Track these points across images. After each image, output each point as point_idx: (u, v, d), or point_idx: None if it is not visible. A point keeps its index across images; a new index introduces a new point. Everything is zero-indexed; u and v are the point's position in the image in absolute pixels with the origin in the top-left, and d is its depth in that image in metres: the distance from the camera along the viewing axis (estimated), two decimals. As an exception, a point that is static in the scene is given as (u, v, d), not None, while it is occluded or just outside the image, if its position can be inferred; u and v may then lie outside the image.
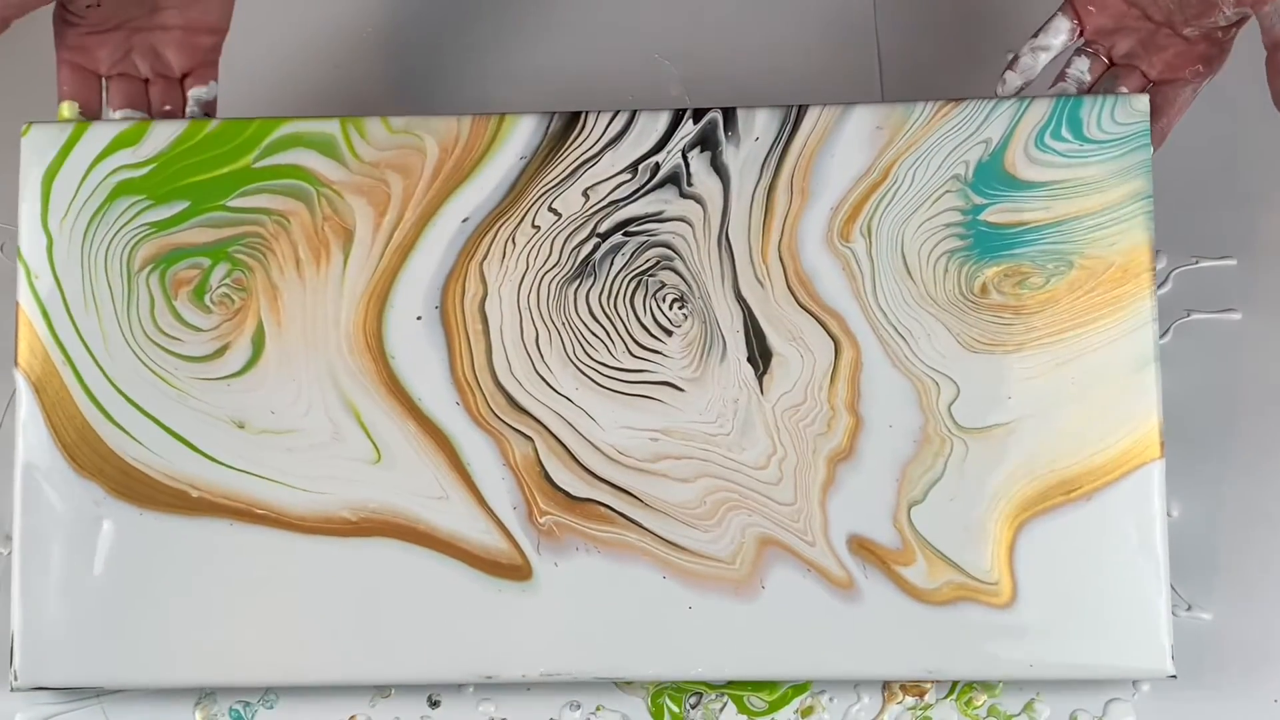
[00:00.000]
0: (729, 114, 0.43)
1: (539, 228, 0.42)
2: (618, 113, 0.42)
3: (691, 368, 0.42)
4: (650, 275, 0.42)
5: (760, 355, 0.42)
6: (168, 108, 0.44)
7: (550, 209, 0.42)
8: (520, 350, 0.42)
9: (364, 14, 0.52)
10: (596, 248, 0.42)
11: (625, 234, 0.42)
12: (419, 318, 0.42)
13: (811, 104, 0.43)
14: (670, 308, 0.42)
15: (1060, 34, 0.44)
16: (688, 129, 0.42)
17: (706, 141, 0.43)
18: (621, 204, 0.42)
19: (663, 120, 0.42)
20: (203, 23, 0.44)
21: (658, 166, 0.42)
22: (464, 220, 0.42)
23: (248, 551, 0.41)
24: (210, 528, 0.41)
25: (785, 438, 0.41)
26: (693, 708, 0.45)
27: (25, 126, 0.42)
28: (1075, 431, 0.41)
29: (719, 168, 0.43)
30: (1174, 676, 0.40)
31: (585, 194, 0.42)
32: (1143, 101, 0.43)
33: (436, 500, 0.41)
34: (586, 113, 0.42)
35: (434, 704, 0.45)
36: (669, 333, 0.42)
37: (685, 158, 0.43)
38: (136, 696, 0.44)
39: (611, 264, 0.42)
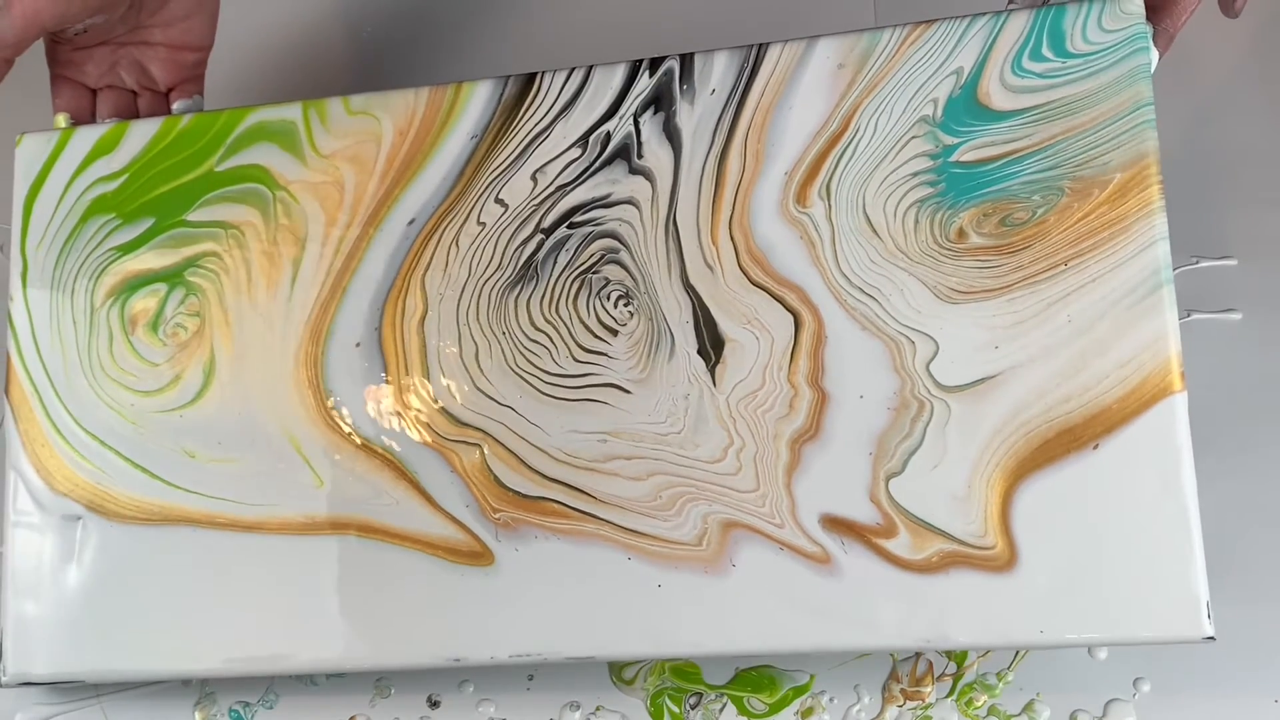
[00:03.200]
0: (686, 62, 0.49)
1: (484, 224, 0.48)
2: (573, 70, 0.50)
3: (638, 369, 0.47)
4: (594, 272, 0.49)
5: (711, 345, 0.47)
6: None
7: (497, 200, 0.50)
8: (459, 369, 0.49)
9: (360, 12, 0.64)
10: (540, 246, 0.49)
11: (570, 226, 0.49)
12: (358, 344, 0.50)
13: (773, 41, 0.48)
14: (615, 305, 0.48)
15: None
16: (643, 84, 0.49)
17: (661, 100, 0.49)
18: (569, 188, 0.49)
19: (618, 76, 0.49)
20: (185, 41, 0.55)
21: (609, 137, 0.49)
22: (410, 223, 0.50)
23: (214, 550, 0.50)
24: (178, 534, 0.50)
25: (742, 427, 0.46)
26: (692, 708, 0.51)
27: (19, 137, 0.54)
28: (1075, 375, 0.44)
29: (671, 132, 0.49)
30: (1212, 638, 0.42)
31: (534, 177, 0.50)
32: (1134, 3, 0.45)
33: (388, 506, 0.49)
34: (542, 73, 0.50)
35: (434, 704, 0.52)
36: (614, 332, 0.48)
37: (637, 124, 0.49)
38: (136, 697, 0.54)
39: (554, 263, 0.49)
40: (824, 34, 0.48)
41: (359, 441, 0.49)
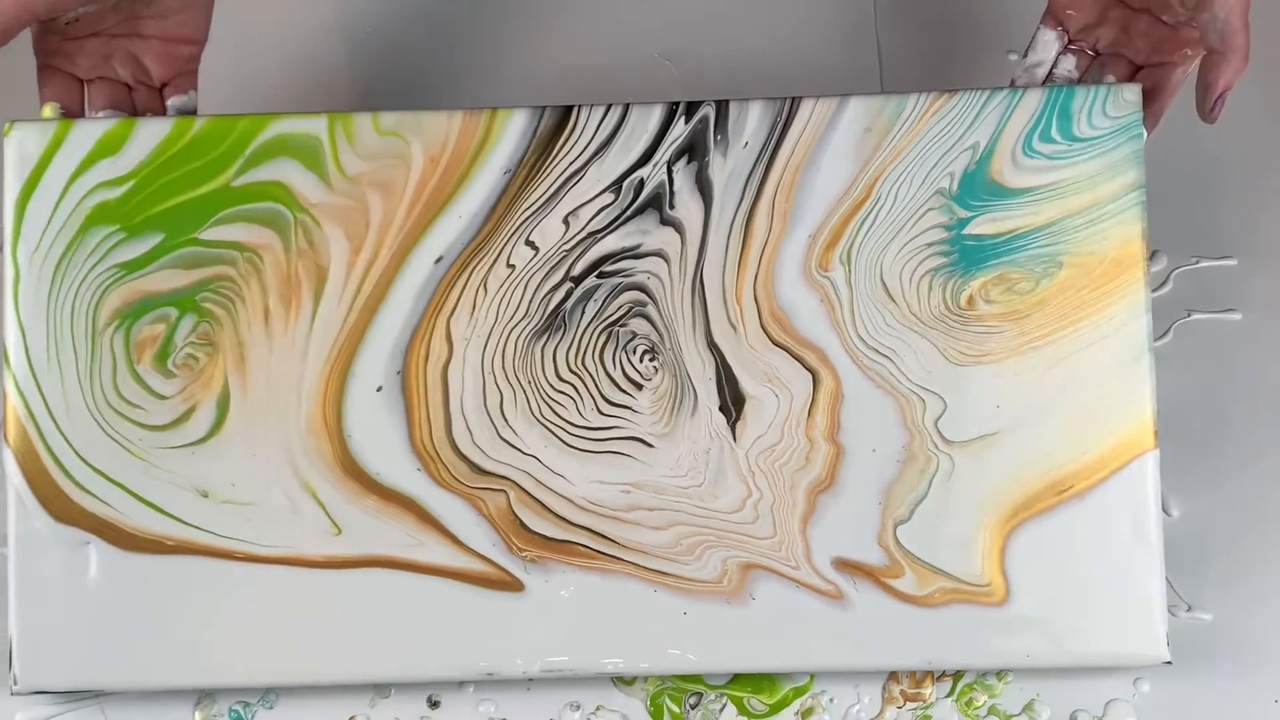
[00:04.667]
0: (722, 109, 0.54)
1: (513, 267, 0.52)
2: (610, 107, 0.54)
3: (661, 423, 0.53)
4: (621, 325, 0.53)
5: (733, 402, 0.53)
6: (149, 114, 0.56)
7: (527, 242, 0.53)
8: (483, 418, 0.53)
9: (362, 15, 0.65)
10: (568, 295, 0.53)
11: (599, 275, 0.53)
12: (379, 388, 0.53)
13: (806, 96, 0.54)
14: (641, 360, 0.53)
15: (1050, 46, 0.56)
16: (678, 130, 0.54)
17: (695, 149, 0.54)
18: (600, 235, 0.53)
19: (655, 118, 0.54)
20: (180, 34, 0.56)
21: (642, 184, 0.54)
22: (437, 261, 0.53)
23: (234, 577, 0.53)
24: (194, 562, 0.53)
25: (761, 480, 0.53)
26: (692, 708, 0.57)
27: (8, 126, 0.53)
28: (1066, 432, 0.53)
29: (703, 184, 0.54)
30: (1169, 663, 0.52)
31: (565, 221, 0.54)
32: (1134, 91, 0.53)
33: (411, 547, 0.53)
34: (579, 107, 0.54)
35: (434, 704, 0.57)
36: (639, 386, 0.53)
37: (670, 172, 0.54)
38: (136, 698, 0.57)
39: (582, 313, 0.53)
40: (854, 94, 0.54)
41: (379, 488, 0.53)
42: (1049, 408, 0.52)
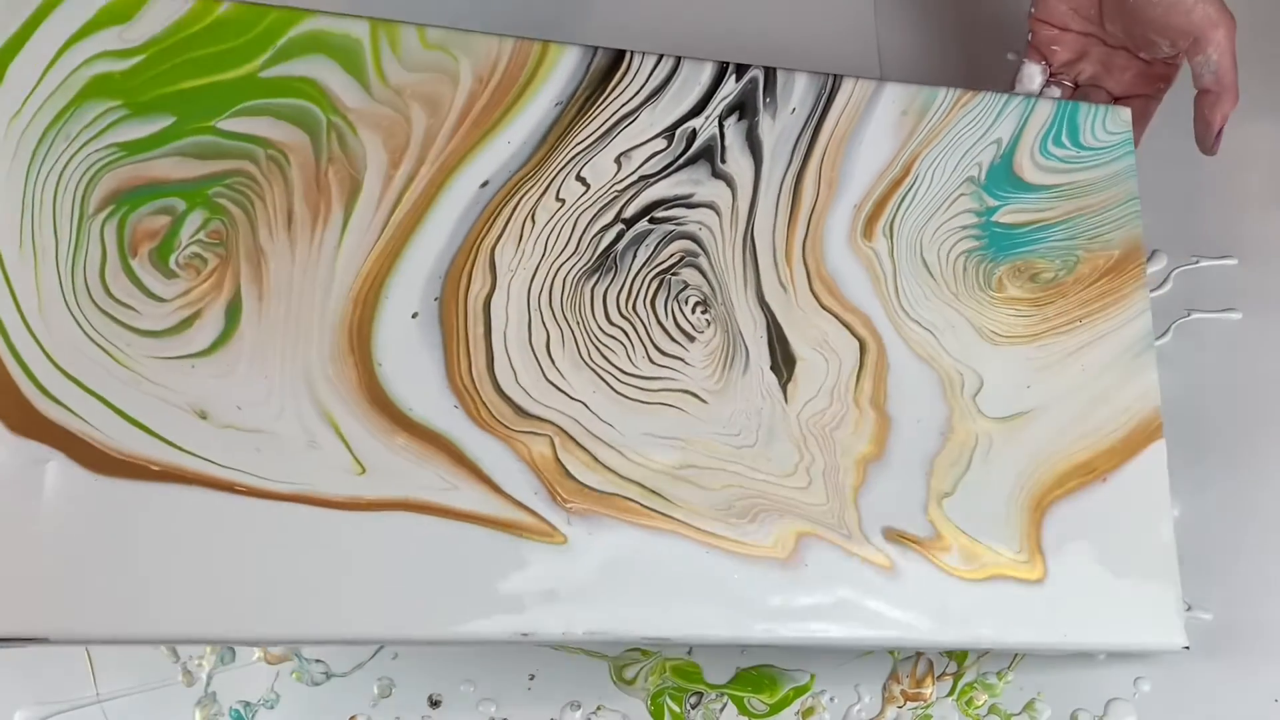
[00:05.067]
0: (770, 75, 0.54)
1: (563, 201, 0.50)
2: (662, 57, 0.53)
3: (714, 379, 0.51)
4: (673, 274, 0.52)
5: (784, 362, 0.52)
6: None
7: (579, 178, 0.51)
8: (528, 356, 0.49)
9: None
10: (619, 236, 0.51)
11: (651, 220, 0.51)
12: (415, 314, 0.48)
13: (847, 75, 0.55)
14: (693, 311, 0.52)
15: (1034, 80, 0.62)
16: (729, 87, 0.54)
17: (745, 108, 0.54)
18: (652, 180, 0.52)
19: (706, 72, 0.53)
20: None
21: (694, 134, 0.53)
22: (483, 185, 0.49)
23: (233, 517, 0.44)
24: (182, 494, 0.44)
25: (812, 444, 0.51)
26: (693, 708, 0.54)
27: None
28: (1088, 416, 0.55)
29: (754, 143, 0.54)
30: (1187, 648, 0.53)
31: (618, 161, 0.52)
32: (1126, 112, 0.58)
33: (444, 491, 0.47)
34: (631, 53, 0.52)
35: (434, 704, 0.53)
36: (691, 338, 0.51)
37: (722, 127, 0.53)
38: (136, 696, 0.50)
39: (634, 257, 0.51)
40: (890, 80, 0.56)
41: (411, 424, 0.47)
42: (1070, 392, 0.54)
